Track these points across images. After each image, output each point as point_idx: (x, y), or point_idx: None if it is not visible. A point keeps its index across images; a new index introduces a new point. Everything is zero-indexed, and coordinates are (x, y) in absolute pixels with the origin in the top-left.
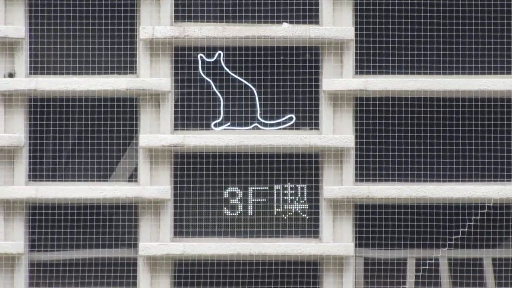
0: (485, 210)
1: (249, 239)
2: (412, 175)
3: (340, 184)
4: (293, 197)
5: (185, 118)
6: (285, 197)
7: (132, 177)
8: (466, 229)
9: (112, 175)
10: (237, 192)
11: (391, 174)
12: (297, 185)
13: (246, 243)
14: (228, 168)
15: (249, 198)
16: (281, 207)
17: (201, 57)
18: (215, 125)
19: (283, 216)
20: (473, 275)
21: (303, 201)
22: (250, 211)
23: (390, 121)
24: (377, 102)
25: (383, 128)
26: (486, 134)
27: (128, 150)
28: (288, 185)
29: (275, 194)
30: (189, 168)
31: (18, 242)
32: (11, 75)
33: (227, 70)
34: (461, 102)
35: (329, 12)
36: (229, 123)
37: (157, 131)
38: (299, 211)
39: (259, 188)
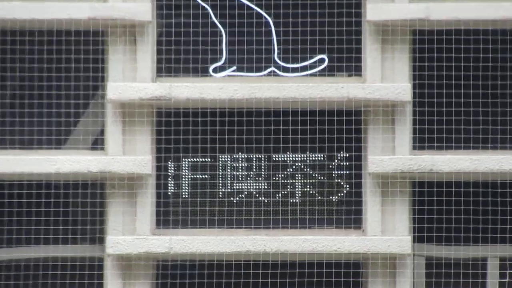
0: None
1: (263, 231)
2: (494, 140)
3: (391, 153)
4: (325, 172)
5: (172, 60)
6: (312, 172)
7: (97, 143)
8: None
9: (69, 141)
10: (244, 165)
11: (464, 139)
12: (330, 155)
13: (259, 236)
14: (233, 131)
15: (262, 172)
16: (307, 186)
17: None
18: (214, 70)
19: (310, 198)
20: None
21: (339, 178)
22: (262, 191)
23: (462, 64)
24: (444, 37)
25: (453, 73)
26: None
27: (91, 105)
28: (318, 155)
29: (298, 167)
30: (178, 131)
31: None
32: None
33: None
34: None
35: None
36: (234, 68)
37: (132, 78)
38: (333, 192)
39: (276, 158)
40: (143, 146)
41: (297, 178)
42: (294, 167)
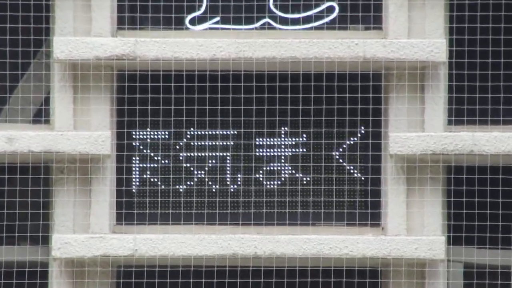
0: None
1: (253, 228)
2: None
3: (420, 130)
4: (334, 153)
5: (137, 8)
6: (316, 153)
7: (41, 115)
8: None
9: (3, 112)
10: (228, 144)
11: None
12: (341, 131)
13: (249, 235)
14: (216, 100)
15: (252, 153)
16: (310, 171)
17: None
18: (192, 22)
19: (314, 187)
20: None
21: (351, 161)
22: (252, 179)
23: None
24: None
25: (502, 25)
26: None
27: (32, 67)
28: (324, 131)
29: (300, 146)
30: (145, 100)
31: None
32: None
33: None
34: None
35: None
36: (217, 18)
37: (86, 32)
38: (344, 179)
39: (270, 135)
40: (100, 119)
41: (295, 160)
42: (291, 147)
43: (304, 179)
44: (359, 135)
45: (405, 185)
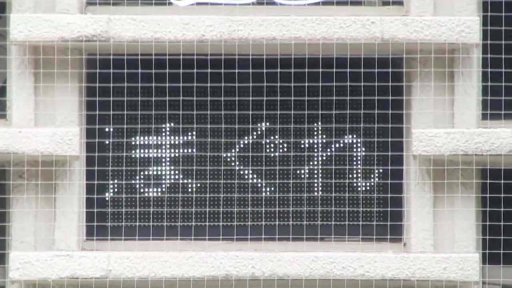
0: None
1: (250, 245)
2: None
3: (449, 125)
4: (346, 153)
5: None
6: (325, 153)
7: None
8: None
9: None
10: (218, 142)
11: None
12: (354, 127)
13: (245, 253)
14: (205, 91)
15: (248, 154)
16: (317, 175)
17: None
18: None
19: (322, 194)
20: None
21: (367, 162)
22: (249, 185)
23: None
24: None
25: None
26: None
27: None
28: (335, 127)
29: (306, 147)
30: (120, 90)
31: None
32: None
33: None
34: None
35: None
36: None
37: (50, 8)
38: (358, 185)
39: (271, 131)
40: (66, 113)
41: (302, 162)
42: (298, 145)
43: (313, 183)
44: (375, 132)
45: (432, 192)
